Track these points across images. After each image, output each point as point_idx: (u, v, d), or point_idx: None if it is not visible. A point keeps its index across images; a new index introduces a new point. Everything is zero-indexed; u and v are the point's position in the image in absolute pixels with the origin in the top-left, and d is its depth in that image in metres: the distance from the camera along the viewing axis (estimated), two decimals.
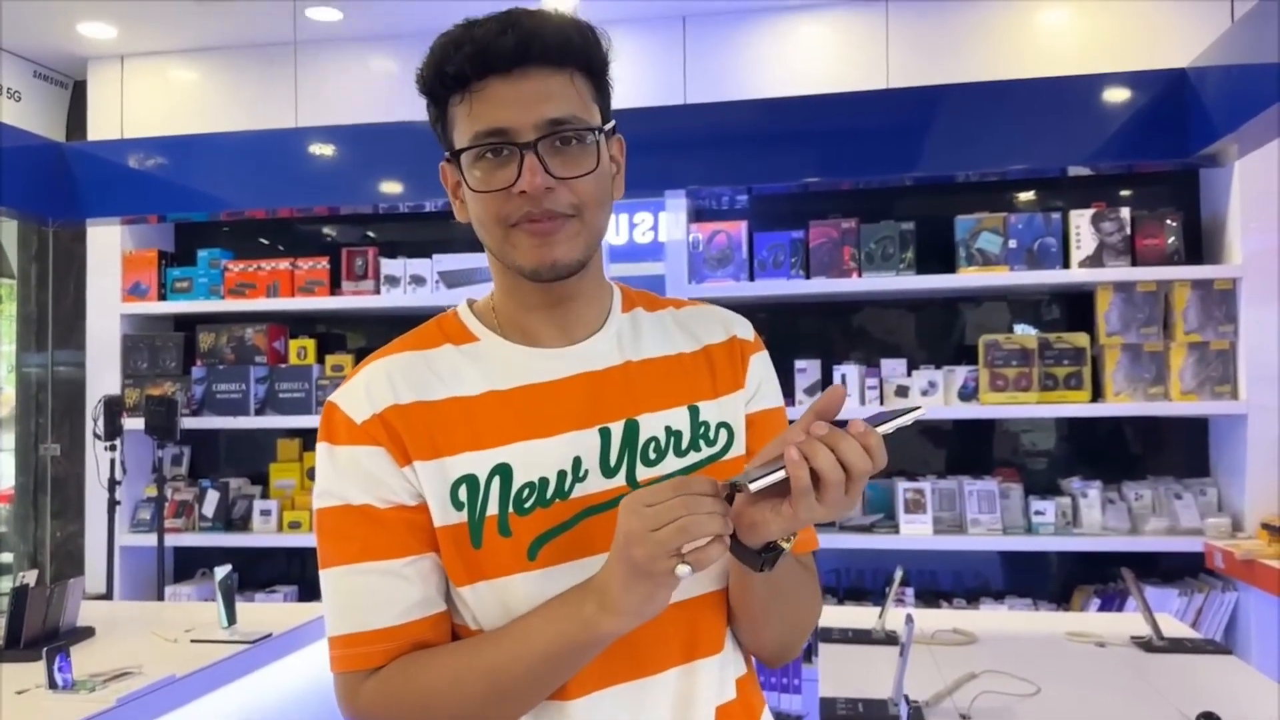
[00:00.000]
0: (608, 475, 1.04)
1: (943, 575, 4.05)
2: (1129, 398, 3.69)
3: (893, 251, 3.86)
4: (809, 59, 4.10)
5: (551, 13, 1.02)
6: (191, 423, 4.27)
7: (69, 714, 2.00)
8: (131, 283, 4.41)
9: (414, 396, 1.04)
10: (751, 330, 1.18)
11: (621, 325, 1.13)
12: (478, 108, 1.00)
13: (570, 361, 1.08)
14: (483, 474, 1.02)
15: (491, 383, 1.06)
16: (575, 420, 1.05)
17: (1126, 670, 2.26)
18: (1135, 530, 3.73)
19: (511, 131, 0.99)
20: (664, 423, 1.07)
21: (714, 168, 3.77)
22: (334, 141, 4.01)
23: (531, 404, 1.05)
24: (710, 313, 1.18)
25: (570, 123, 1.00)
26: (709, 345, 1.13)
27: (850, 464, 0.86)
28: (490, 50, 0.98)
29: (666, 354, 1.12)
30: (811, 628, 1.17)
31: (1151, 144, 3.47)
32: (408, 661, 1.01)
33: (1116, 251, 3.73)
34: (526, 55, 0.99)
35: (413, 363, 1.07)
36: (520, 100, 0.99)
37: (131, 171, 4.09)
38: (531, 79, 0.99)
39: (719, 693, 1.07)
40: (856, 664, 2.32)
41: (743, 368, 1.13)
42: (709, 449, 1.08)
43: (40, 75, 4.63)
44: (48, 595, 2.55)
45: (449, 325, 1.12)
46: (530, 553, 1.01)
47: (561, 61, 1.01)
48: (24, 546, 4.76)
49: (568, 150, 1.01)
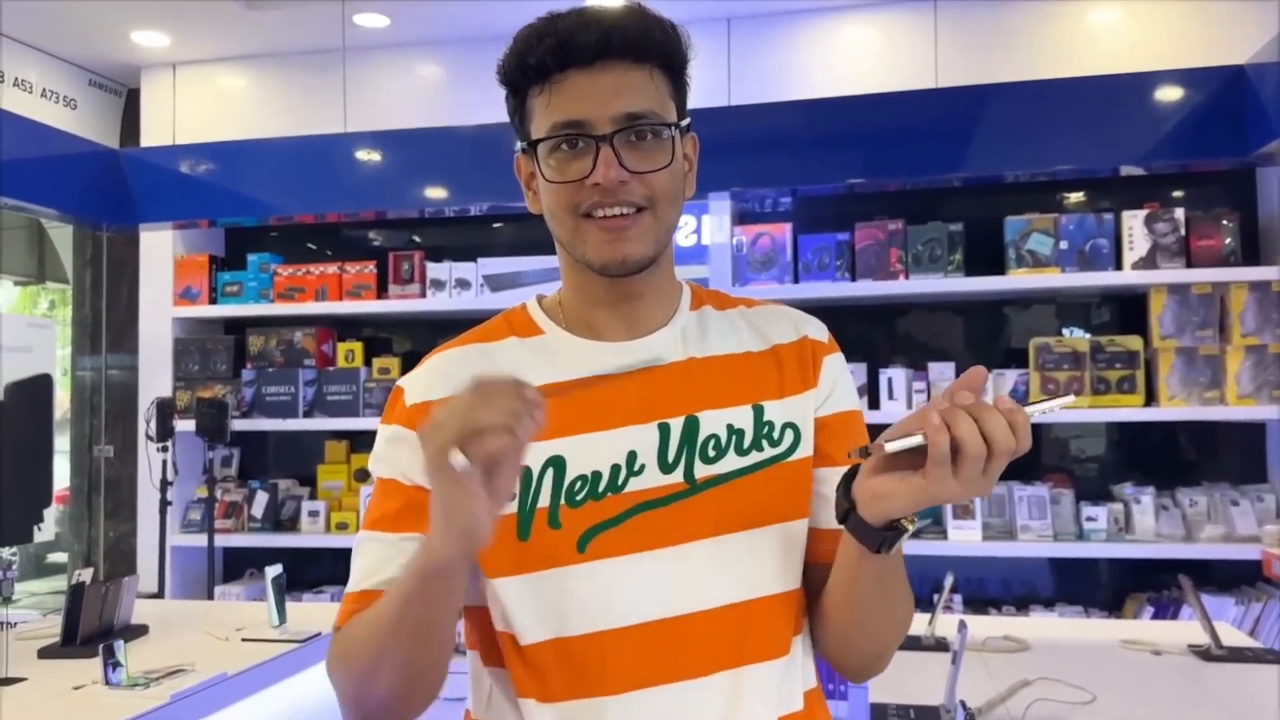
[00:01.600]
0: (665, 471, 1.03)
1: (991, 582, 3.99)
2: (1184, 402, 3.62)
3: (941, 253, 3.82)
4: (855, 60, 4.07)
5: (635, 8, 1.03)
6: (241, 425, 4.33)
7: (124, 709, 2.03)
8: (183, 287, 4.48)
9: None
10: (825, 331, 1.16)
11: (688, 322, 1.11)
12: (556, 99, 1.01)
13: (633, 356, 1.07)
14: (536, 465, 1.02)
15: (552, 375, 1.06)
16: (634, 414, 1.04)
17: (1184, 679, 2.21)
18: (1190, 537, 3.65)
19: (588, 124, 1.00)
20: (726, 420, 1.05)
21: (758, 169, 3.75)
22: (380, 147, 4.05)
23: (590, 397, 1.05)
24: (782, 313, 1.16)
25: (647, 117, 1.01)
26: (777, 345, 1.12)
27: (994, 438, 0.82)
28: (572, 43, 0.99)
29: (733, 352, 1.10)
30: (903, 637, 1.11)
31: (1207, 143, 3.40)
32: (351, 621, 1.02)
33: (1171, 253, 3.66)
34: (608, 49, 1.00)
35: (474, 355, 1.10)
36: (599, 93, 1.00)
37: (183, 177, 4.16)
38: (611, 73, 1.00)
39: (781, 702, 1.03)
40: (906, 671, 2.29)
41: (815, 369, 1.11)
42: (772, 449, 1.06)
43: (95, 84, 4.73)
44: (103, 593, 2.59)
45: (516, 319, 1.13)
46: (580, 545, 1.00)
47: (642, 57, 1.02)
48: (78, 546, 4.85)
49: (643, 145, 1.01)
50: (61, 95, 4.56)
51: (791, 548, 1.06)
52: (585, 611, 1.00)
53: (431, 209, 4.09)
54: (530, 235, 4.35)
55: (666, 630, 0.99)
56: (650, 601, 0.99)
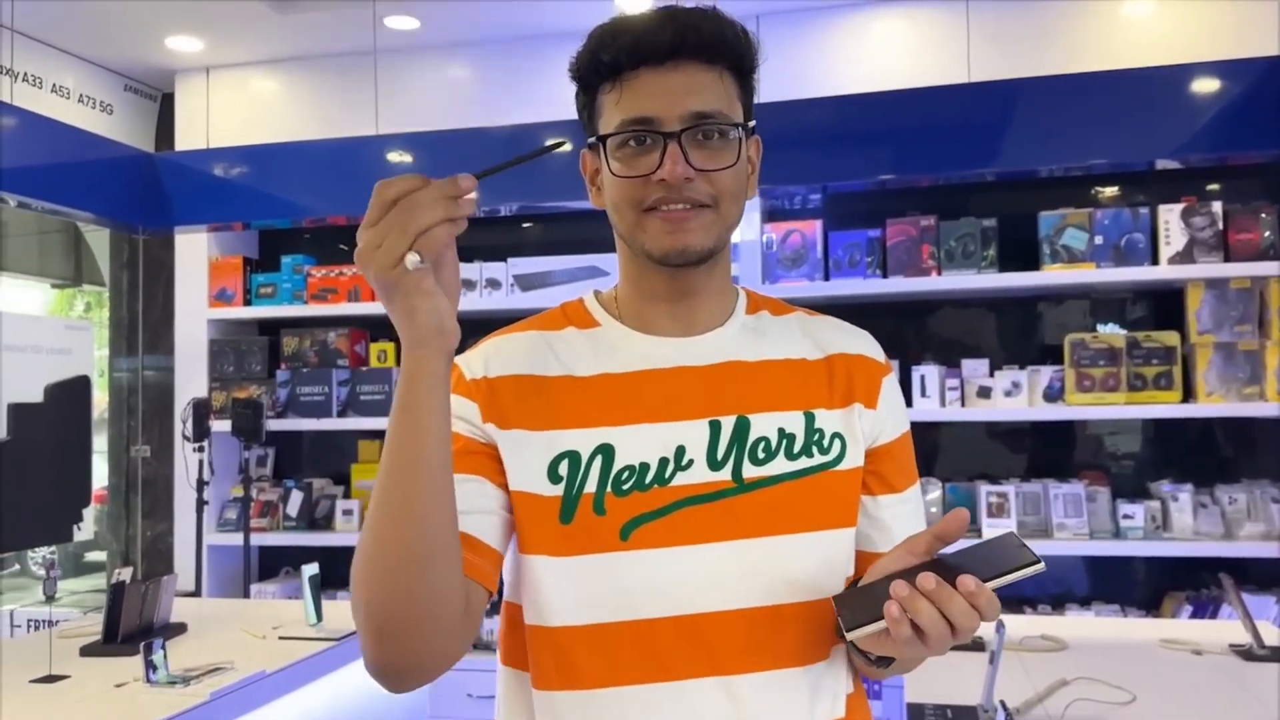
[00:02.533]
0: (714, 468, 1.03)
1: (1027, 581, 3.90)
2: (1222, 398, 3.57)
3: (974, 249, 3.79)
4: (886, 56, 4.04)
5: (710, 10, 1.04)
6: (276, 425, 4.37)
7: (165, 707, 2.06)
8: (218, 289, 4.52)
9: (531, 369, 1.07)
10: (880, 351, 1.16)
11: (745, 324, 1.12)
12: (627, 96, 1.02)
13: (688, 352, 1.08)
14: (586, 451, 1.03)
15: (607, 365, 1.07)
16: (685, 410, 1.05)
17: (1226, 679, 2.18)
18: (1229, 535, 3.60)
19: (657, 120, 1.01)
20: (777, 424, 1.05)
21: (789, 166, 3.73)
22: (411, 148, 4.07)
23: (643, 389, 1.06)
24: (839, 326, 1.16)
25: (715, 117, 1.02)
26: (832, 355, 1.12)
27: (957, 622, 0.86)
28: (647, 41, 1.01)
29: (789, 357, 1.10)
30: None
31: (1244, 136, 3.34)
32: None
33: (1208, 247, 3.61)
34: (681, 48, 1.01)
35: (534, 341, 1.11)
36: (669, 91, 1.01)
37: (217, 180, 4.20)
38: (683, 72, 1.02)
39: (817, 707, 1.03)
40: (942, 670, 2.26)
41: (873, 390, 1.11)
42: (821, 456, 1.06)
43: (130, 88, 4.78)
44: (143, 592, 2.63)
45: (573, 311, 1.14)
46: (623, 533, 1.01)
47: (714, 58, 1.03)
48: (116, 545, 4.91)
49: (710, 144, 1.02)
50: (98, 100, 4.62)
51: (834, 555, 1.06)
52: (622, 599, 1.00)
53: None
54: (560, 235, 4.36)
55: (700, 625, 1.00)
56: (687, 596, 1.00)
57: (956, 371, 3.81)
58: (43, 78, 4.34)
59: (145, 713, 2.05)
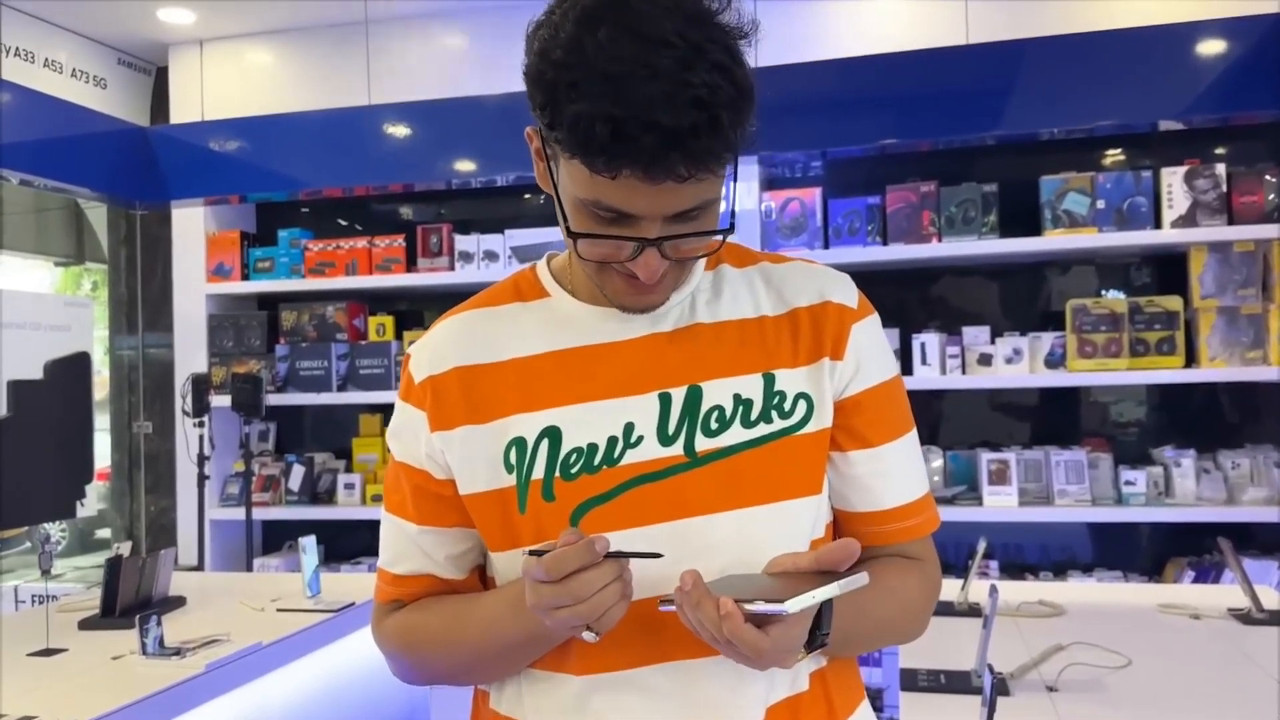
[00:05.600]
0: (664, 444, 0.98)
1: (1029, 548, 3.95)
2: (1225, 363, 3.54)
3: (975, 215, 3.75)
4: (884, 19, 3.99)
5: (723, 97, 0.84)
6: (276, 399, 4.36)
7: (161, 679, 2.07)
8: (215, 264, 4.51)
9: (472, 359, 1.04)
10: (854, 293, 1.06)
11: (700, 284, 1.04)
12: (606, 186, 0.87)
13: (638, 323, 1.01)
14: (531, 436, 0.99)
15: (552, 342, 1.03)
16: (634, 384, 0.99)
17: (1223, 643, 2.17)
18: (1232, 500, 3.58)
19: (637, 220, 0.89)
20: (733, 390, 0.99)
21: (787, 133, 3.69)
22: (407, 119, 4.04)
23: (590, 365, 1.01)
24: (807, 272, 1.06)
25: (701, 208, 0.90)
26: (796, 308, 1.03)
27: (702, 632, 0.86)
28: (645, 165, 0.84)
29: (745, 317, 1.03)
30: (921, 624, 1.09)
31: (1249, 95, 3.30)
32: (413, 611, 1.08)
33: (1211, 210, 3.56)
34: (685, 173, 0.85)
35: (478, 321, 1.07)
36: (656, 196, 0.87)
37: (212, 153, 4.17)
38: (672, 182, 0.86)
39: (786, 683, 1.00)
40: (938, 636, 2.25)
41: (840, 339, 1.02)
42: (782, 421, 0.99)
43: (124, 63, 4.75)
44: (140, 566, 2.63)
45: (524, 282, 1.09)
46: (573, 519, 0.97)
47: (716, 168, 0.88)
48: (120, 521, 4.93)
49: (689, 224, 0.91)
50: (91, 75, 4.59)
51: (796, 526, 1.00)
52: None
53: (459, 181, 4.08)
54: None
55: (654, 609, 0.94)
56: (648, 577, 0.94)
57: (957, 339, 3.78)
58: (34, 52, 4.31)
59: (141, 684, 2.05)
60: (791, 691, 1.00)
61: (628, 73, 0.82)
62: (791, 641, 0.85)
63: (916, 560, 1.07)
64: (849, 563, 0.87)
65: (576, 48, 0.85)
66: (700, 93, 0.83)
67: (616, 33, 0.84)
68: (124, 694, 1.98)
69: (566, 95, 0.85)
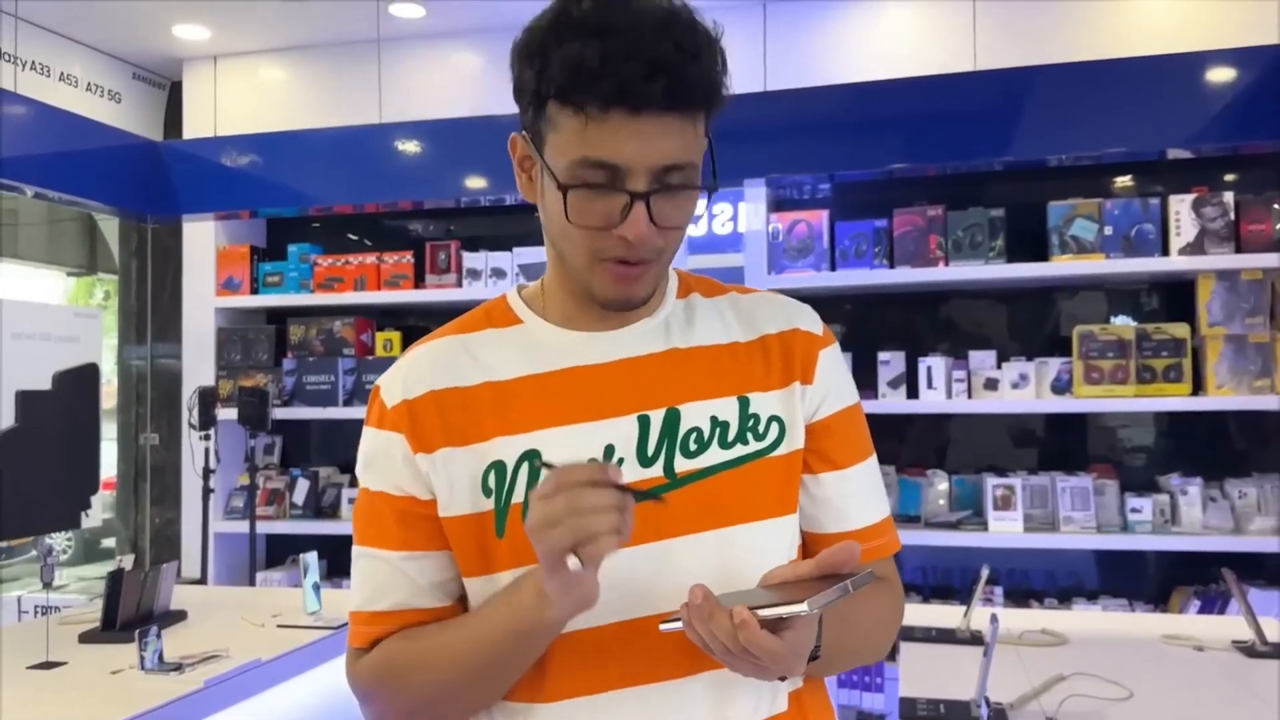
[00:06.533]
0: (645, 465, 1.00)
1: (1035, 574, 3.93)
2: (1232, 391, 3.53)
3: (981, 239, 3.75)
4: (892, 43, 4.00)
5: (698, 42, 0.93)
6: (283, 413, 4.37)
7: (159, 694, 2.07)
8: (225, 277, 4.53)
9: (449, 382, 1.04)
10: (819, 322, 1.11)
11: (674, 311, 1.08)
12: (594, 134, 0.91)
13: (614, 346, 1.04)
14: (511, 460, 1.00)
15: (529, 366, 1.04)
16: (613, 407, 1.01)
17: (1226, 676, 2.15)
18: (1239, 530, 3.56)
19: (625, 171, 0.92)
20: (709, 413, 1.02)
21: (795, 155, 3.70)
22: (418, 137, 4.07)
23: (567, 389, 1.02)
24: (773, 301, 1.11)
25: (684, 168, 0.95)
26: (766, 335, 1.07)
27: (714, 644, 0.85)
28: (631, 92, 0.89)
29: (718, 342, 1.06)
30: (888, 643, 1.11)
31: (1257, 124, 3.30)
32: (394, 642, 1.04)
33: (1219, 238, 3.56)
34: (667, 104, 0.91)
35: (451, 347, 1.07)
36: (643, 140, 0.91)
37: (224, 168, 4.20)
38: (659, 121, 0.91)
39: (767, 702, 1.01)
40: (939, 664, 2.26)
41: (809, 364, 1.07)
42: (757, 443, 1.02)
43: (139, 77, 4.80)
44: (142, 579, 2.64)
45: (495, 310, 1.10)
46: None
47: (693, 106, 0.94)
48: (125, 532, 4.94)
49: (673, 197, 0.95)
50: (106, 89, 4.63)
51: (773, 545, 1.03)
52: None
53: (468, 199, 4.10)
54: None
55: (638, 630, 0.96)
56: (622, 601, 0.96)
57: (964, 363, 3.77)
58: (50, 66, 4.35)
59: (139, 699, 2.05)
60: (771, 712, 1.02)
61: (612, 23, 0.90)
62: (804, 644, 0.86)
63: (884, 579, 1.09)
64: (851, 564, 0.87)
65: (561, 13, 0.93)
66: (679, 38, 0.91)
67: (598, 4, 0.92)
68: (122, 709, 1.98)
69: (554, 43, 0.92)
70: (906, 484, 3.91)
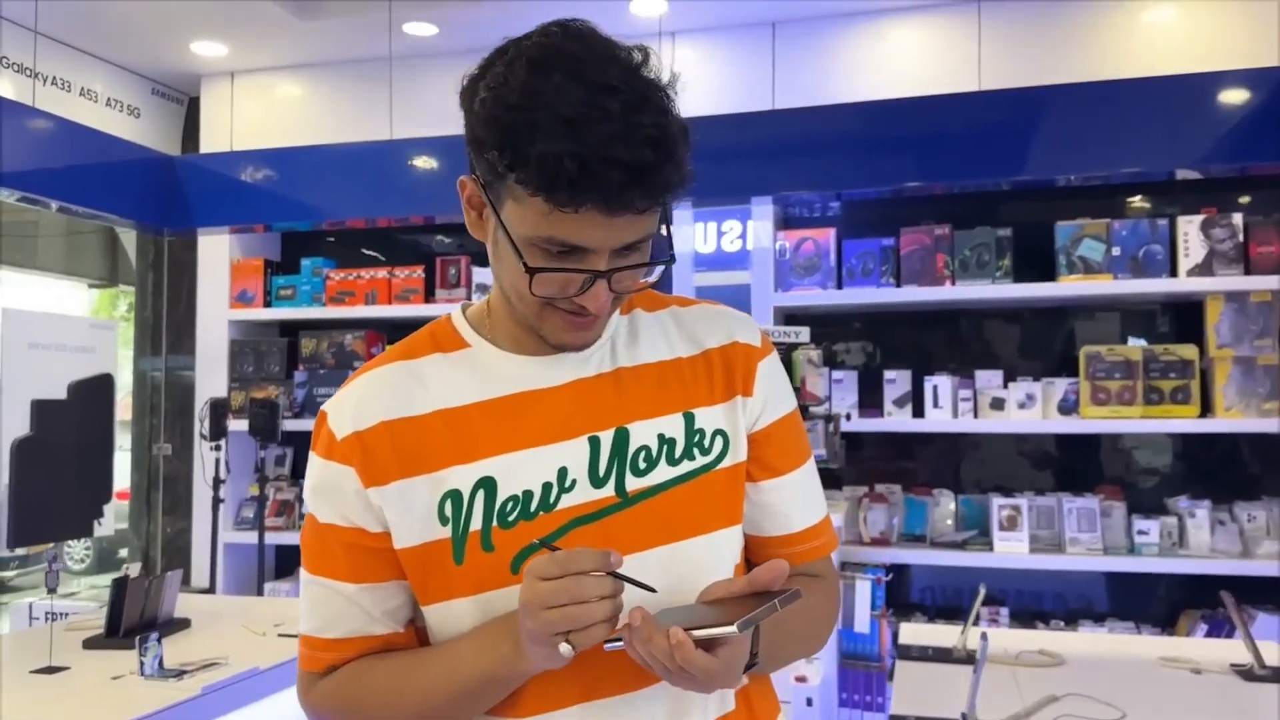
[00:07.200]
0: (596, 485, 1.01)
1: (1045, 596, 3.91)
2: (1241, 413, 3.51)
3: (989, 259, 3.76)
4: (899, 63, 4.02)
5: (674, 135, 0.91)
6: (293, 425, 4.41)
7: (157, 700, 2.09)
8: (239, 290, 4.59)
9: (399, 412, 1.03)
10: (758, 333, 1.12)
11: (618, 329, 1.08)
12: (560, 220, 0.90)
13: (561, 369, 1.04)
14: (466, 488, 1.00)
15: (479, 392, 1.04)
16: (564, 430, 1.02)
17: (1222, 699, 2.14)
18: (1247, 553, 3.53)
19: (590, 253, 0.93)
20: (656, 430, 1.03)
21: (803, 174, 3.72)
22: (429, 153, 4.11)
23: (519, 413, 1.03)
24: (714, 314, 1.13)
25: (644, 241, 0.96)
26: (709, 349, 1.09)
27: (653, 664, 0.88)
28: (608, 198, 0.89)
29: (662, 359, 1.08)
30: (828, 634, 1.15)
31: (1267, 146, 3.29)
32: (354, 669, 1.05)
33: (1228, 259, 3.55)
34: (642, 206, 0.91)
35: (399, 375, 1.06)
36: (612, 230, 0.92)
37: (239, 183, 4.26)
38: (631, 215, 0.91)
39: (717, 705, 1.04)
40: (934, 683, 2.25)
41: (749, 376, 1.08)
42: (703, 457, 1.04)
43: (157, 92, 4.87)
44: (146, 587, 2.66)
45: (441, 332, 1.10)
46: (513, 566, 0.99)
47: (666, 201, 0.95)
48: (138, 541, 4.99)
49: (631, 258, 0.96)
50: (125, 104, 4.70)
51: (720, 556, 1.05)
52: None
53: None
54: None
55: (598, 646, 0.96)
56: None
57: (970, 382, 3.77)
58: (71, 81, 4.43)
59: (138, 705, 2.07)
60: (721, 712, 1.04)
61: (584, 114, 0.87)
62: (739, 660, 0.90)
63: (820, 577, 1.12)
64: (780, 582, 0.91)
65: (532, 92, 0.89)
66: (651, 132, 0.89)
67: (567, 80, 0.89)
68: (120, 714, 2.00)
69: (528, 136, 0.88)
70: (913, 503, 3.90)
